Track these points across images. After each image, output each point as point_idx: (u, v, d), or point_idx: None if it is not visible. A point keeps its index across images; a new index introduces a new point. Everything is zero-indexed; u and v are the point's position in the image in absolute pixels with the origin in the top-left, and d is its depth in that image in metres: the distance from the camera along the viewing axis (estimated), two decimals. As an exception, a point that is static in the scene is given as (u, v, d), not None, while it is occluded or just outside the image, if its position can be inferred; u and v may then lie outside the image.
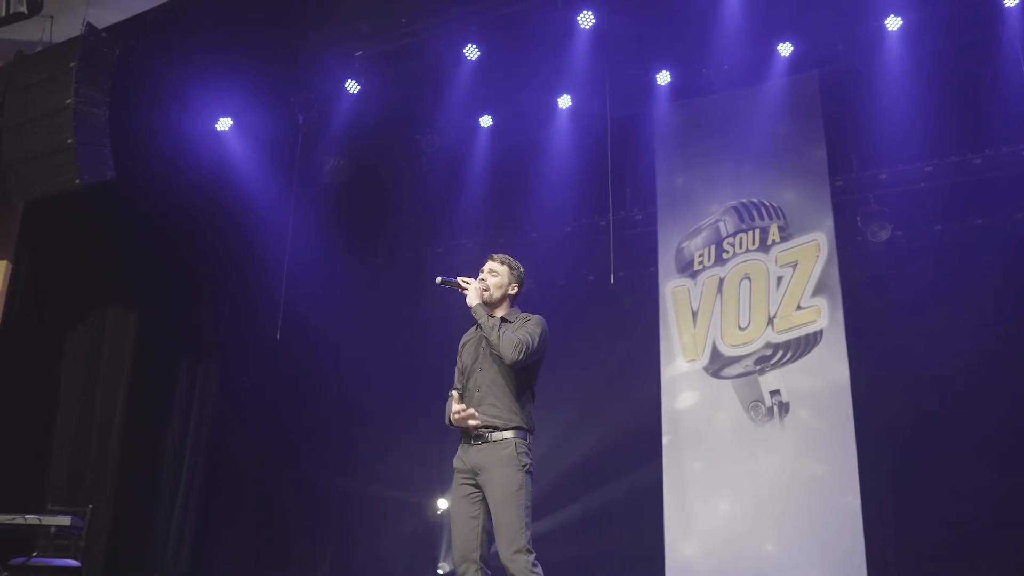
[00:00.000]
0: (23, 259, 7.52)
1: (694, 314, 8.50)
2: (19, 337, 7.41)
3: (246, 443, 9.15)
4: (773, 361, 8.00)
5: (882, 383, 7.97)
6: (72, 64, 6.48)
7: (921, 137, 8.06)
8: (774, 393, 7.92)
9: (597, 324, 9.58)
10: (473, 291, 4.16)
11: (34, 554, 6.60)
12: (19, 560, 6.50)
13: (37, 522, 6.21)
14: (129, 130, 7.39)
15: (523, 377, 4.08)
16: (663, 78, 8.83)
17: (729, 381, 8.18)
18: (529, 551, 3.79)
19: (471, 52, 8.34)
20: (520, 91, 8.93)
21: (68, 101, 6.41)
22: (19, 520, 6.14)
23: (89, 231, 7.90)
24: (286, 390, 9.45)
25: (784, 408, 7.85)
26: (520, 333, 4.03)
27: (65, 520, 6.28)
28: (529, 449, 4.01)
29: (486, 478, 3.92)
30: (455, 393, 4.14)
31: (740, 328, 8.24)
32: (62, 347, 7.92)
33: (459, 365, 4.28)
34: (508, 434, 3.97)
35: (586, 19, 8.04)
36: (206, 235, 8.81)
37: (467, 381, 4.16)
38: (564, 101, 9.07)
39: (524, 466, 3.93)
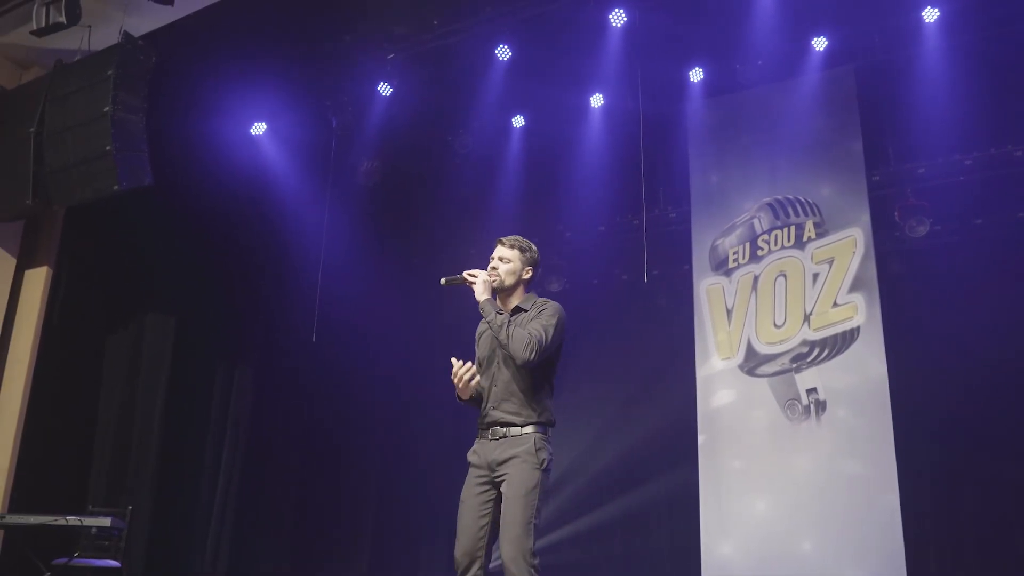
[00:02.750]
0: (64, 265, 7.64)
1: (729, 312, 8.44)
2: (60, 341, 7.53)
3: (282, 445, 9.22)
4: (810, 359, 7.93)
5: (921, 380, 7.86)
6: (110, 72, 6.55)
7: (960, 129, 7.95)
8: (811, 391, 7.85)
9: (631, 323, 9.55)
10: (481, 284, 3.92)
11: (76, 554, 6.69)
12: (62, 560, 6.60)
13: (78, 523, 6.28)
14: (166, 136, 7.46)
15: (540, 371, 3.92)
16: (696, 75, 8.78)
17: (765, 379, 8.11)
18: (534, 554, 3.69)
19: (503, 53, 8.34)
20: (552, 90, 8.91)
21: (106, 108, 6.48)
22: (61, 521, 6.21)
23: (128, 237, 8.00)
24: (321, 392, 9.50)
25: (821, 406, 7.78)
26: (532, 327, 3.85)
27: (105, 521, 6.34)
28: (548, 443, 3.90)
29: (502, 473, 3.83)
30: (455, 360, 3.98)
31: (776, 326, 8.17)
32: (102, 351, 8.02)
33: (478, 356, 4.14)
34: (527, 430, 3.86)
35: (618, 17, 7.99)
36: (242, 239, 8.89)
37: (485, 374, 4.01)
38: (596, 100, 9.05)
39: (542, 463, 3.82)
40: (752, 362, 8.21)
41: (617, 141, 9.00)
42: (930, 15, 7.74)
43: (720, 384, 8.34)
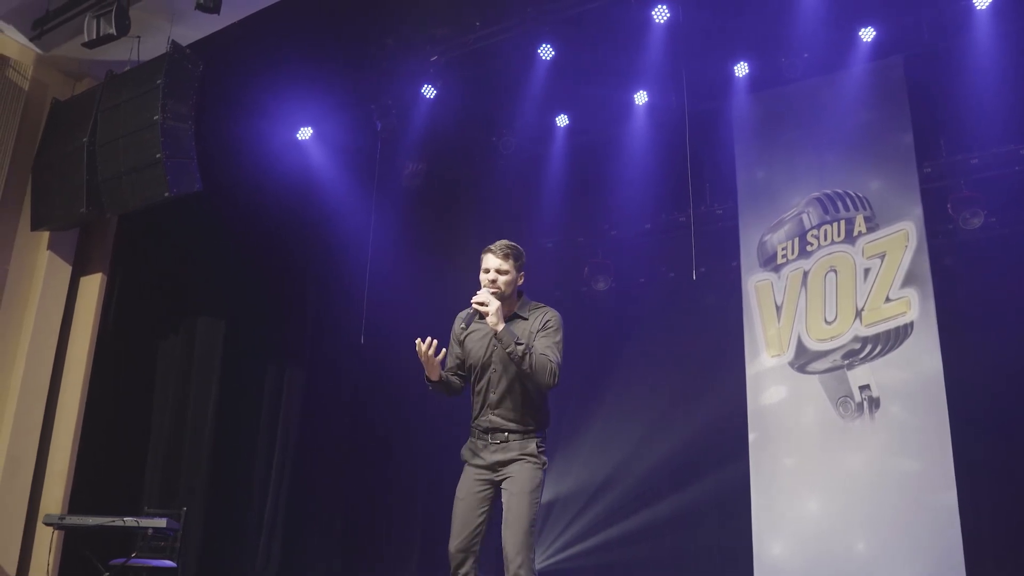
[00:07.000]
0: (117, 272, 7.78)
1: (778, 308, 8.34)
2: (114, 346, 7.66)
3: (332, 446, 9.29)
4: (862, 355, 7.80)
5: (977, 375, 7.68)
6: (159, 81, 6.65)
7: (1014, 118, 7.77)
8: (863, 388, 7.73)
9: (680, 321, 9.47)
10: (494, 314, 3.97)
11: (132, 555, 6.82)
12: (119, 561, 6.73)
13: (135, 524, 6.40)
14: (214, 142, 7.56)
15: None
16: (741, 69, 8.69)
17: (816, 376, 8.00)
18: (533, 549, 3.83)
19: (545, 52, 8.32)
20: (596, 89, 8.89)
21: (156, 117, 6.58)
22: (118, 522, 6.35)
23: (178, 243, 8.12)
24: (370, 393, 9.56)
25: (874, 403, 7.65)
26: (547, 350, 3.94)
27: (161, 522, 6.46)
28: (545, 444, 4.05)
29: (505, 473, 3.97)
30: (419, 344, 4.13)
31: (827, 322, 8.05)
32: (155, 355, 8.15)
33: (456, 352, 4.29)
34: (530, 433, 4.02)
35: (660, 13, 7.92)
36: (290, 242, 8.98)
37: (479, 379, 4.16)
38: (640, 97, 9.00)
39: (543, 464, 3.98)
40: (803, 359, 8.10)
41: (662, 138, 8.95)
42: (981, 1, 7.57)
43: (770, 381, 8.25)
